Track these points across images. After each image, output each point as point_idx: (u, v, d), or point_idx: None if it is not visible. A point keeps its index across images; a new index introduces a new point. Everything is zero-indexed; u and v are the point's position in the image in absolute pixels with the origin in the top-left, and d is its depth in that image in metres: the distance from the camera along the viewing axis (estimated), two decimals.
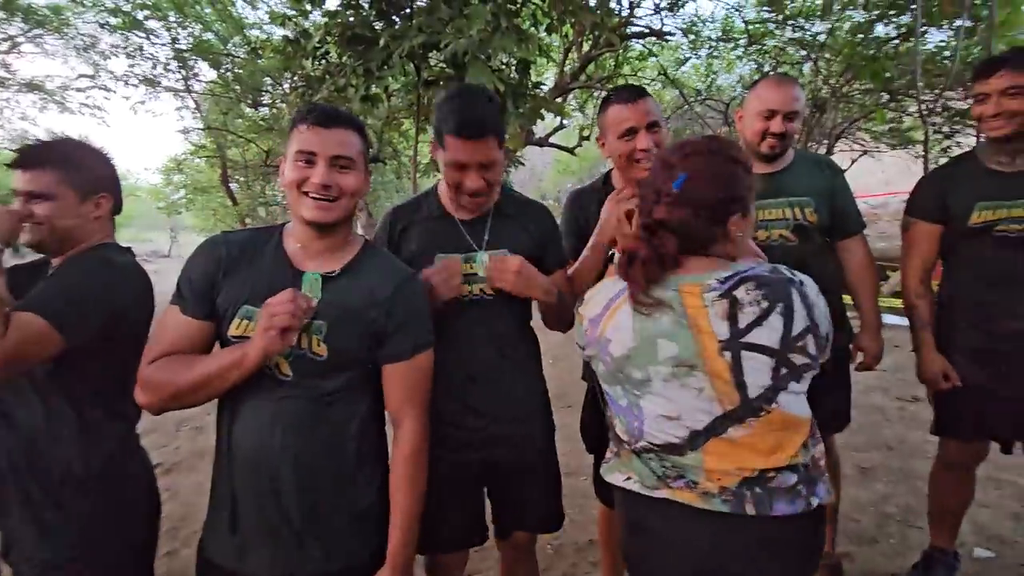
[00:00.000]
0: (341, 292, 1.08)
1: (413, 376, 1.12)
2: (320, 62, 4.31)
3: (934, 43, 8.48)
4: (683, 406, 0.96)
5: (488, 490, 1.45)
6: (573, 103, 11.42)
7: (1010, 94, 1.56)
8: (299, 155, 1.05)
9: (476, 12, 3.88)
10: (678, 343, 0.95)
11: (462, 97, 1.23)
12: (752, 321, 0.92)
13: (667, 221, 0.98)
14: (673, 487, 0.98)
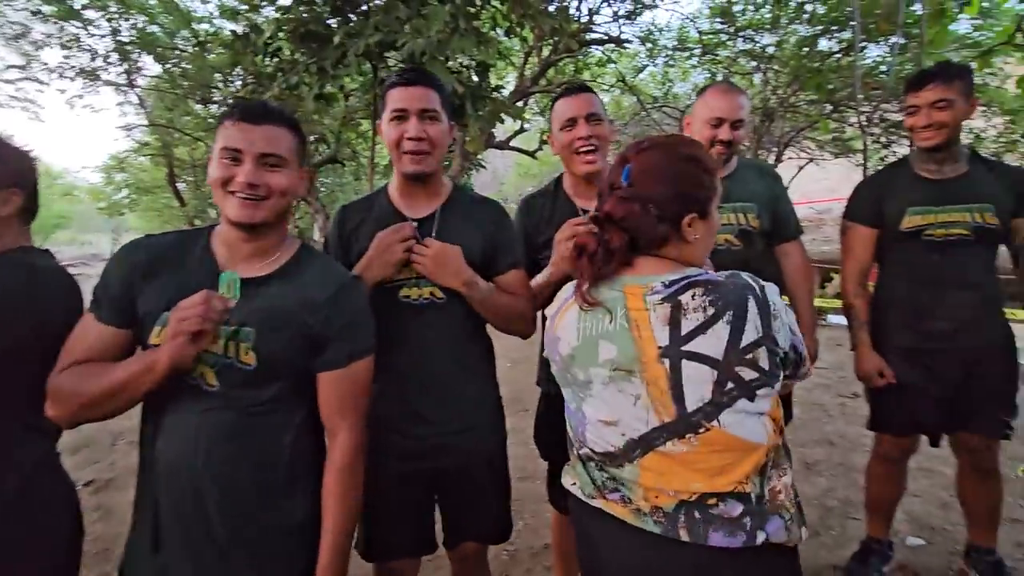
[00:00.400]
0: (272, 296, 1.02)
1: (348, 385, 1.08)
2: (272, 59, 4.17)
3: (872, 58, 8.99)
4: (620, 412, 0.91)
5: (437, 499, 1.42)
6: (534, 107, 11.50)
7: (938, 107, 1.65)
8: (224, 152, 1.00)
9: (434, 12, 3.85)
10: (617, 345, 0.90)
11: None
12: (694, 328, 0.86)
13: (614, 214, 0.94)
14: (608, 499, 0.95)
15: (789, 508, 0.89)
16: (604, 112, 1.49)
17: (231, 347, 0.98)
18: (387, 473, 1.33)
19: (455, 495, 1.39)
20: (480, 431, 1.38)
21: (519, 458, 2.93)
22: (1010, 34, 3.76)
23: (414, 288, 1.29)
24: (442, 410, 1.32)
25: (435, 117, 1.26)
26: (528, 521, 2.48)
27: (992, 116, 9.78)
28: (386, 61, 4.69)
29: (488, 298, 1.28)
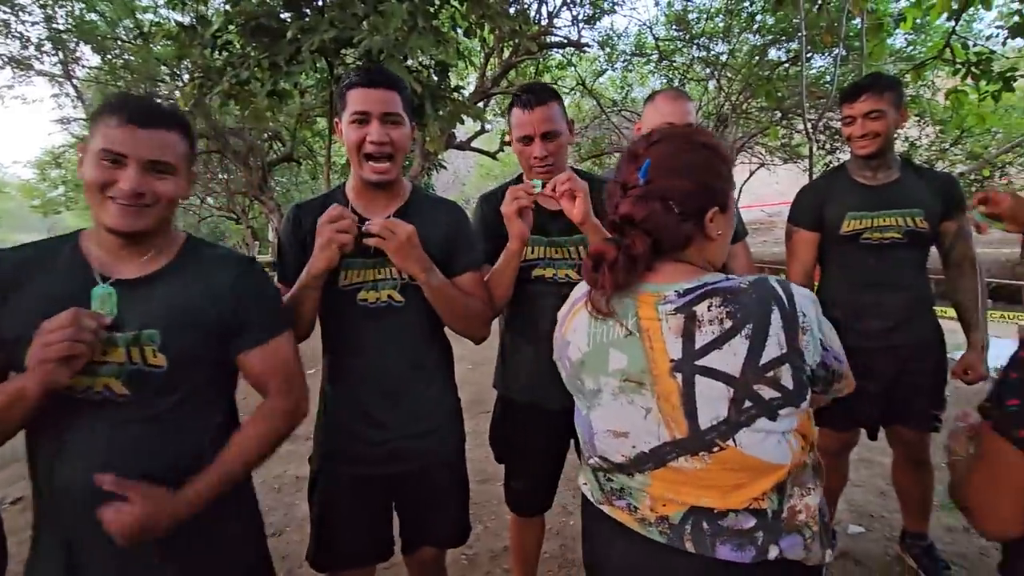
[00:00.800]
0: (171, 293, 0.96)
1: (272, 359, 1.05)
2: (221, 52, 4.02)
3: (818, 68, 9.44)
4: (630, 425, 0.85)
5: (395, 504, 1.40)
6: (495, 108, 11.51)
7: (872, 117, 1.73)
8: (105, 154, 0.90)
9: (392, 10, 3.79)
10: (628, 355, 0.84)
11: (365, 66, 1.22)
12: (709, 342, 0.78)
13: (634, 216, 0.84)
14: (614, 505, 0.91)
15: (811, 527, 0.81)
16: (562, 117, 1.45)
17: (135, 352, 0.92)
18: (341, 479, 1.30)
19: (413, 500, 1.37)
20: (438, 434, 1.36)
21: (479, 460, 2.92)
22: (940, 49, 4.01)
23: (371, 291, 1.25)
24: (399, 414, 1.29)
25: (398, 121, 1.22)
26: (487, 524, 2.47)
27: (925, 126, 10.44)
28: (343, 58, 4.59)
29: (445, 289, 1.25)
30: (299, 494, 2.80)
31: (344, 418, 1.29)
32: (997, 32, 6.92)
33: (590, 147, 12.64)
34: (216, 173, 13.02)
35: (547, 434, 1.57)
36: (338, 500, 1.31)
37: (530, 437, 1.59)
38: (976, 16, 8.08)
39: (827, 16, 4.63)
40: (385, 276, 1.25)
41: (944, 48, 3.90)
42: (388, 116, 1.20)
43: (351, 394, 1.28)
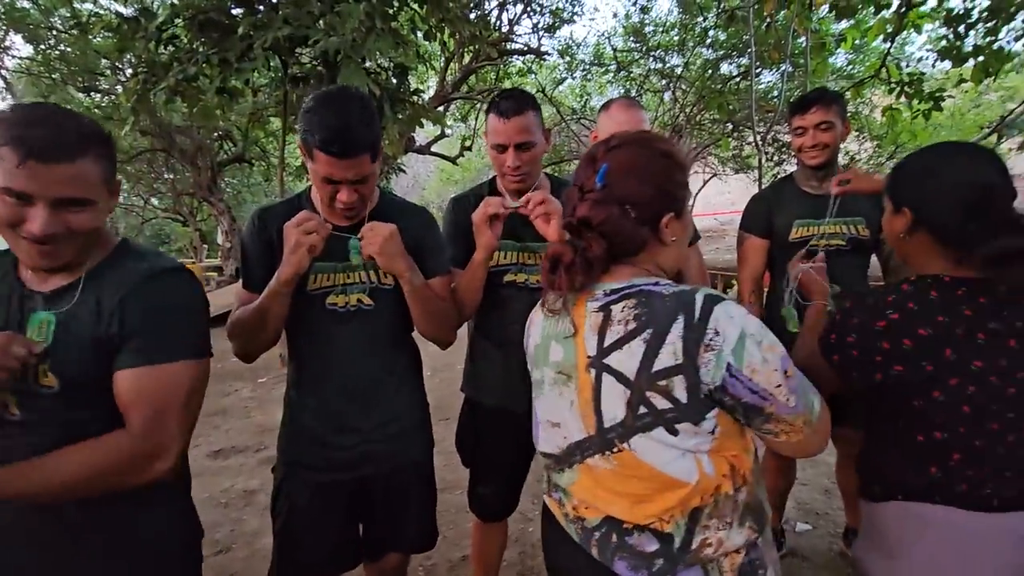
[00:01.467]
0: (71, 308, 0.89)
1: (149, 386, 0.87)
2: (166, 47, 3.83)
3: (766, 83, 9.87)
4: (561, 416, 0.88)
5: (360, 511, 1.37)
6: (455, 113, 11.48)
7: (822, 128, 1.81)
8: (7, 191, 0.79)
9: (349, 10, 3.71)
10: (564, 349, 0.88)
11: (332, 107, 1.10)
12: (614, 341, 0.81)
13: (591, 219, 0.84)
14: (552, 496, 0.94)
15: (721, 566, 0.79)
16: (539, 127, 1.43)
17: (30, 370, 0.85)
18: (307, 487, 1.28)
19: (381, 505, 1.35)
20: (408, 437, 1.35)
21: (438, 468, 2.84)
22: (877, 69, 4.26)
23: (340, 296, 1.24)
24: (368, 418, 1.28)
25: (364, 180, 1.17)
26: (446, 534, 2.43)
27: (864, 141, 11.08)
28: (298, 57, 4.47)
29: (424, 290, 1.24)
30: (248, 509, 2.68)
31: (312, 424, 1.27)
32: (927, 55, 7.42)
33: (550, 154, 12.77)
34: (161, 173, 12.42)
35: (515, 438, 1.56)
36: (304, 509, 1.29)
37: (498, 441, 1.58)
38: (908, 39, 8.64)
39: (775, 34, 4.85)
40: (354, 280, 1.24)
41: (880, 68, 4.15)
42: (357, 180, 1.16)
43: (319, 399, 1.26)
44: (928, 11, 4.02)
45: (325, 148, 1.09)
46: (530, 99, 1.42)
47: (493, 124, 1.40)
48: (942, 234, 0.96)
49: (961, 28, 3.74)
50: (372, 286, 1.25)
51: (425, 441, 1.41)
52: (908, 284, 0.98)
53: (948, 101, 4.32)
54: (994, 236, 0.90)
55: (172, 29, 3.84)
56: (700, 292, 0.79)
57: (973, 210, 0.93)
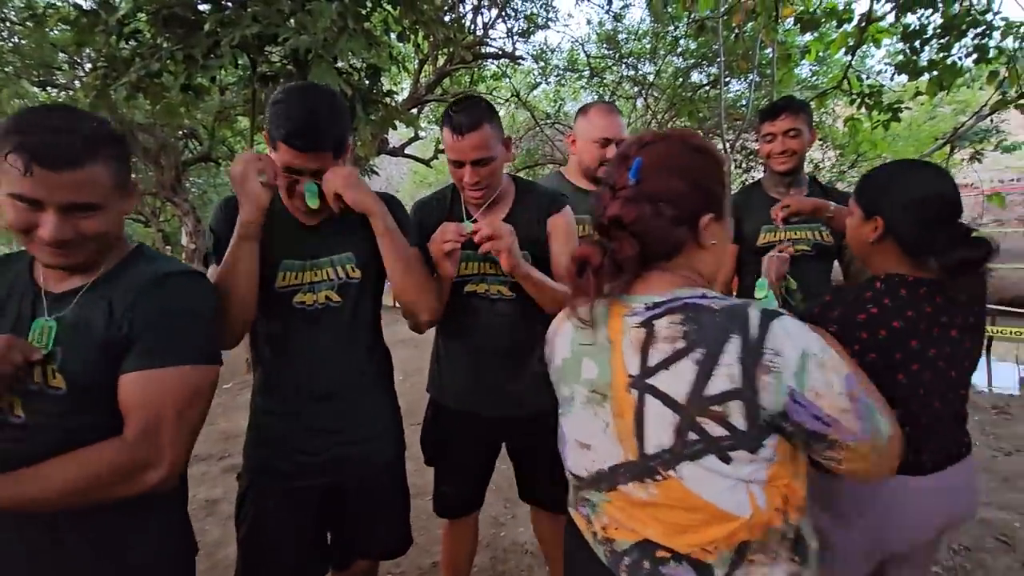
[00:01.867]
0: (83, 310, 0.88)
1: (153, 391, 0.85)
2: (128, 41, 3.70)
3: (735, 92, 10.12)
4: (593, 438, 0.82)
5: (329, 518, 1.34)
6: (429, 115, 11.42)
7: (791, 135, 1.86)
8: (17, 198, 0.79)
9: (320, 9, 3.65)
10: (598, 366, 0.81)
11: (299, 100, 1.10)
12: (660, 361, 0.74)
13: (623, 218, 0.78)
14: (578, 511, 0.89)
15: None
16: (497, 139, 1.40)
17: (37, 373, 0.84)
18: (274, 494, 1.26)
19: (352, 510, 1.33)
20: (379, 440, 1.34)
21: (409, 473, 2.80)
22: (839, 80, 4.41)
23: (308, 294, 1.23)
24: (339, 420, 1.26)
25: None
26: (417, 540, 2.39)
27: (827, 149, 11.45)
28: (267, 55, 4.37)
29: (397, 233, 1.23)
30: (209, 519, 2.59)
31: (280, 428, 1.25)
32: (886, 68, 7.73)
33: (524, 158, 12.81)
34: None
35: (478, 439, 1.58)
36: (270, 516, 1.26)
37: (461, 442, 1.58)
38: (868, 53, 8.99)
39: (743, 44, 4.97)
40: (322, 278, 1.23)
41: (842, 80, 4.30)
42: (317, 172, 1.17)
43: (288, 402, 1.24)
44: (887, 26, 4.19)
45: (288, 141, 1.09)
46: (485, 110, 1.38)
47: (448, 140, 1.38)
48: (908, 242, 1.07)
49: (917, 43, 3.91)
50: (340, 282, 1.24)
51: (397, 443, 1.39)
52: (880, 283, 1.08)
53: (905, 113, 4.50)
54: (953, 248, 1.02)
55: (134, 23, 3.71)
56: (754, 307, 0.73)
57: (937, 223, 1.04)
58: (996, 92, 4.11)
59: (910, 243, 1.07)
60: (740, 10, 3.98)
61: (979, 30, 3.83)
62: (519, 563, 2.23)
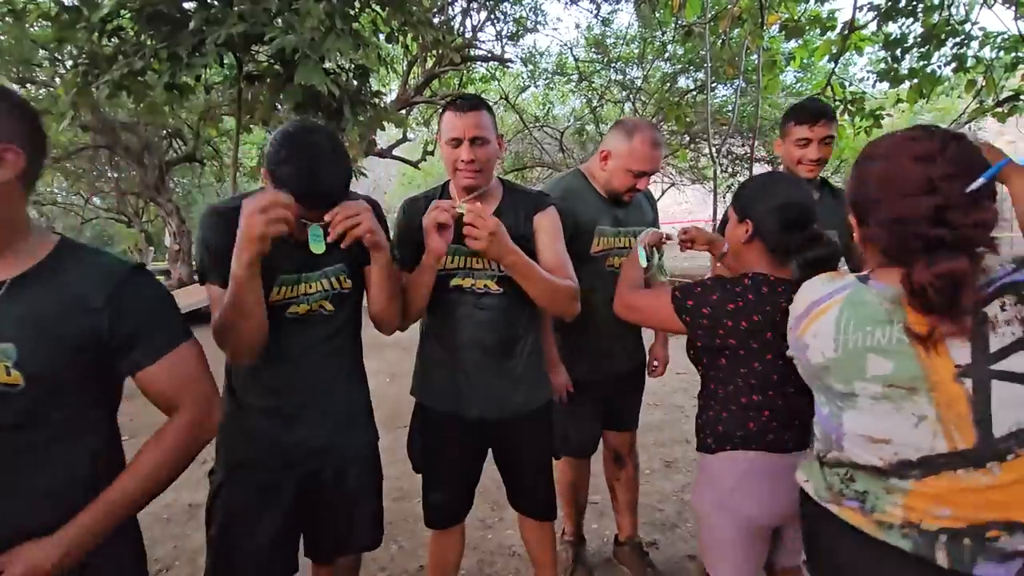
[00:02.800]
0: (33, 302, 0.84)
1: (181, 370, 0.95)
2: (110, 39, 3.65)
3: (721, 97, 10.24)
4: (895, 432, 0.83)
5: (303, 516, 1.34)
6: (418, 117, 11.40)
7: (826, 142, 1.76)
8: None
9: (308, 9, 3.63)
10: (894, 361, 0.81)
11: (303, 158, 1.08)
12: (1010, 344, 0.76)
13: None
14: (844, 506, 0.89)
15: None
16: (493, 128, 1.43)
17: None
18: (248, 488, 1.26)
19: (328, 502, 1.33)
20: (354, 431, 1.37)
21: (395, 478, 2.80)
22: (823, 87, 4.48)
23: (303, 305, 1.25)
24: (317, 413, 1.28)
25: None
26: (403, 544, 2.37)
27: None
28: (253, 55, 4.34)
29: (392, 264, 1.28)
30: (191, 523, 2.55)
31: (263, 424, 1.25)
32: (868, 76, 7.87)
33: (512, 161, 12.84)
34: (105, 171, 11.80)
35: (465, 443, 1.55)
36: (241, 511, 1.26)
37: (448, 446, 1.56)
38: (851, 61, 9.16)
39: (729, 50, 5.03)
40: (316, 289, 1.25)
41: (826, 86, 4.36)
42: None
43: (274, 400, 1.26)
44: (869, 35, 4.27)
45: (297, 200, 1.07)
46: (486, 103, 1.43)
47: (449, 119, 1.40)
48: (771, 241, 1.23)
49: (898, 52, 3.99)
50: (334, 292, 1.27)
51: (371, 434, 1.42)
52: (748, 279, 1.22)
53: (887, 119, 4.59)
54: (809, 247, 1.20)
55: (117, 21, 3.66)
56: None
57: (795, 226, 1.21)
58: (974, 100, 4.21)
59: (773, 242, 1.22)
60: (727, 16, 4.03)
61: (958, 40, 3.93)
62: (506, 566, 2.22)
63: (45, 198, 12.71)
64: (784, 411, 1.22)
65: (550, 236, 1.47)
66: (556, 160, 11.73)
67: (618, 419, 2.02)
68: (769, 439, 1.22)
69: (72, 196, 13.42)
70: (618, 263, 1.78)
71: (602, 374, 1.86)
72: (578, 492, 2.09)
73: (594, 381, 1.83)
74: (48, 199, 12.89)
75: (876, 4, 3.87)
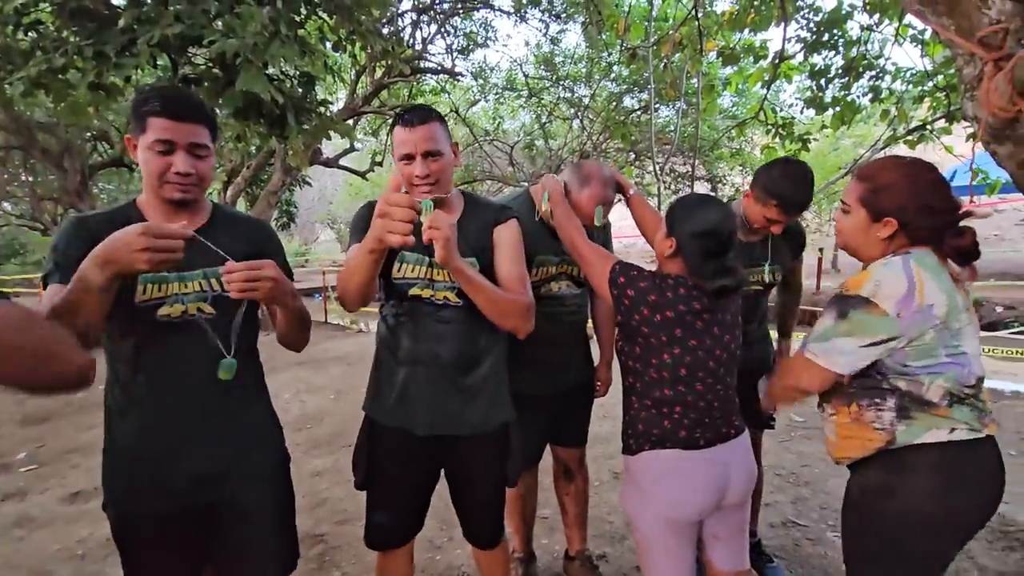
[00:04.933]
0: None
1: None
2: (27, 33, 3.39)
3: (664, 117, 10.68)
4: (975, 346, 1.16)
5: (211, 544, 1.25)
6: (366, 127, 11.22)
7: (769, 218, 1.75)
8: None
9: (250, 13, 3.51)
10: (954, 299, 1.13)
11: (169, 87, 1.14)
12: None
13: None
14: (986, 423, 1.14)
15: None
16: (446, 139, 1.40)
17: None
18: (144, 530, 1.16)
19: (228, 532, 1.24)
20: (257, 454, 1.28)
21: (339, 499, 2.70)
22: (756, 111, 4.76)
23: (176, 305, 1.15)
24: (212, 435, 1.19)
25: (202, 149, 1.16)
26: (347, 570, 2.27)
27: (747, 174, 12.29)
28: (190, 57, 4.13)
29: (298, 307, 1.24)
30: (110, 559, 2.34)
31: (144, 449, 1.15)
32: (797, 102, 8.43)
33: (462, 174, 12.84)
34: (18, 174, 10.88)
35: (414, 461, 1.49)
36: (141, 550, 1.17)
37: (396, 463, 1.49)
38: (781, 88, 9.78)
39: (671, 73, 5.26)
40: (192, 289, 1.16)
41: (759, 111, 4.64)
42: (195, 147, 1.15)
43: (155, 417, 1.15)
44: (797, 64, 4.58)
45: (162, 111, 1.09)
46: (435, 112, 1.40)
47: (399, 135, 1.37)
48: (689, 263, 1.33)
49: (822, 81, 4.30)
50: (215, 294, 1.18)
51: (277, 455, 1.35)
52: (671, 279, 1.34)
53: (813, 144, 4.92)
54: (720, 276, 1.29)
55: (35, 13, 3.40)
56: None
57: (711, 254, 1.30)
58: (888, 128, 4.58)
59: (690, 263, 1.33)
60: (668, 41, 4.22)
61: (874, 72, 4.28)
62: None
63: None
64: (694, 407, 1.33)
65: (508, 249, 1.45)
66: (506, 174, 11.82)
67: (568, 435, 2.02)
68: (682, 436, 1.33)
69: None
70: (557, 288, 1.82)
71: (549, 387, 1.86)
72: (525, 505, 2.08)
73: (538, 395, 1.81)
74: None
75: (803, 37, 4.17)
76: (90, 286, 0.97)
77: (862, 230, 1.23)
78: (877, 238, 1.21)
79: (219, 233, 1.19)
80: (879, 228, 1.20)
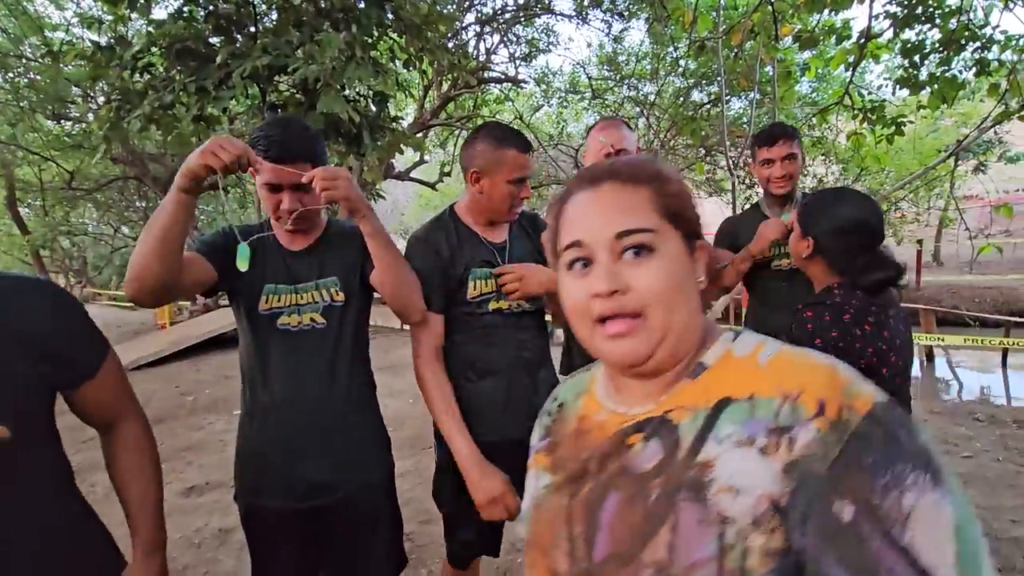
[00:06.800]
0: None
1: (113, 381, 0.93)
2: (141, 75, 3.80)
3: (736, 109, 10.23)
4: None
5: (319, 551, 1.32)
6: (434, 139, 11.59)
7: (789, 159, 1.89)
8: None
9: (328, 40, 3.74)
10: None
11: (273, 122, 1.22)
12: None
13: None
14: None
15: None
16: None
17: None
18: (264, 520, 1.26)
19: (340, 536, 1.31)
20: (364, 463, 1.33)
21: (421, 500, 2.78)
22: (840, 96, 4.44)
23: (292, 315, 1.25)
24: (322, 444, 1.26)
25: (304, 188, 1.20)
26: (432, 568, 2.35)
27: (830, 164, 11.50)
28: (276, 85, 4.47)
29: (384, 232, 1.23)
30: (222, 548, 2.56)
31: (265, 450, 1.25)
32: (886, 83, 7.79)
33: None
34: (133, 201, 12.19)
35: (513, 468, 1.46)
36: (264, 541, 1.28)
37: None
38: (868, 68, 9.10)
39: (743, 63, 5.04)
40: (307, 300, 1.26)
41: (844, 95, 4.33)
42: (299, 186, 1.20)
43: (270, 424, 1.25)
44: (885, 43, 4.23)
45: (264, 154, 1.16)
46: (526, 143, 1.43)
47: (514, 158, 1.38)
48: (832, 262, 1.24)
49: (916, 58, 3.94)
50: (325, 304, 1.27)
51: (384, 464, 1.38)
52: (845, 306, 1.20)
53: (908, 126, 4.52)
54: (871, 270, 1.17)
55: (148, 57, 3.81)
56: None
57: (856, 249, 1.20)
58: (998, 104, 4.13)
59: (834, 263, 1.22)
60: (739, 30, 4.04)
61: (978, 44, 3.87)
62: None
63: (77, 228, 13.16)
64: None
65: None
66: (571, 177, 11.78)
67: None
68: None
69: (102, 226, 13.87)
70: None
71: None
72: None
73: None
74: (80, 229, 13.35)
75: (892, 12, 3.84)
76: (172, 191, 1.08)
77: None
78: None
79: (331, 246, 1.30)
80: None
